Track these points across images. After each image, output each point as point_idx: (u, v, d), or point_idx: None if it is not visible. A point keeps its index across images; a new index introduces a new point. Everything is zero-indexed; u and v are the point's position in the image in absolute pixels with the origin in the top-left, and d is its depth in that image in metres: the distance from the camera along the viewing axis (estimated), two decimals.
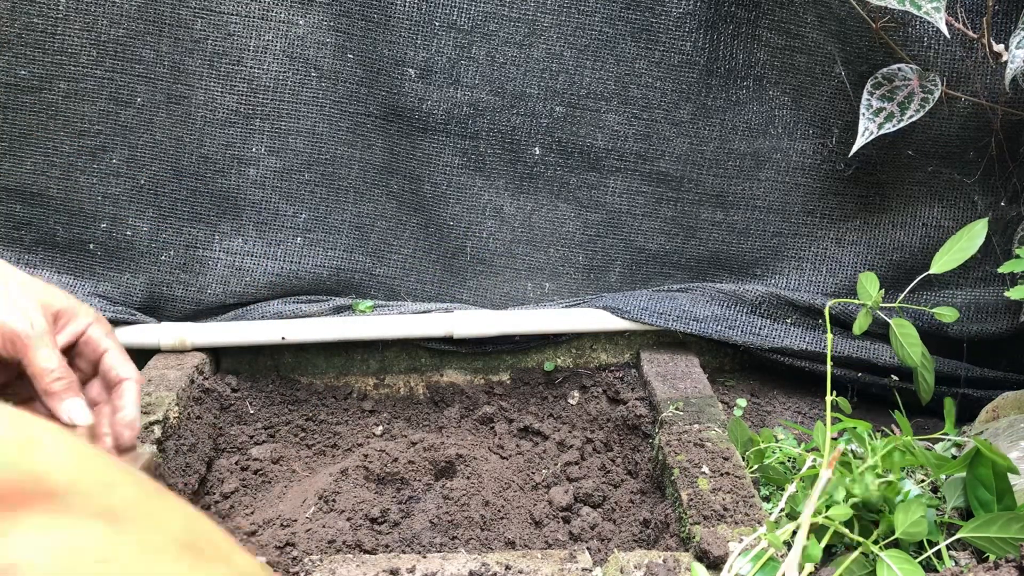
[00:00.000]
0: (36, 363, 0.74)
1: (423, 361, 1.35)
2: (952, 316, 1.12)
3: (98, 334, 0.80)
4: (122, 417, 0.79)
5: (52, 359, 0.74)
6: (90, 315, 0.81)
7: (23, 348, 0.73)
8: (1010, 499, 0.90)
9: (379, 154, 1.28)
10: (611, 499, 1.10)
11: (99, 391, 0.82)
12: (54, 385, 0.74)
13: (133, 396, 0.80)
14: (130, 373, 0.80)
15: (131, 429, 0.79)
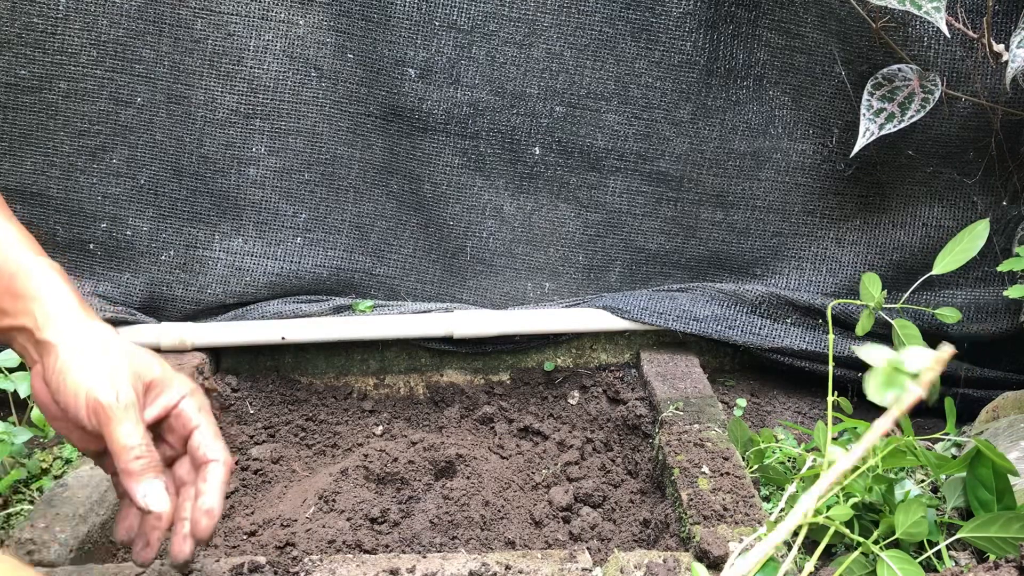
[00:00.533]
0: (116, 439, 0.68)
1: (423, 361, 1.35)
2: (954, 317, 1.12)
3: (190, 408, 0.75)
4: (202, 503, 0.72)
5: (133, 435, 0.69)
6: (185, 387, 0.75)
7: (105, 421, 0.68)
8: (1010, 499, 0.90)
9: (379, 154, 1.28)
10: (611, 499, 1.10)
11: (188, 470, 0.76)
12: (132, 465, 0.69)
13: (219, 481, 0.73)
14: (219, 455, 0.74)
15: (209, 518, 0.72)
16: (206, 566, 0.83)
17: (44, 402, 0.72)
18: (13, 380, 1.07)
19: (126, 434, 0.69)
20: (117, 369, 0.70)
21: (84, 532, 0.88)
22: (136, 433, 0.69)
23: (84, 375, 0.69)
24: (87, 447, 0.75)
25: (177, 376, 0.76)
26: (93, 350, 0.71)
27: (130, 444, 0.69)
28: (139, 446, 0.69)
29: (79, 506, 0.91)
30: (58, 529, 0.87)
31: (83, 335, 0.71)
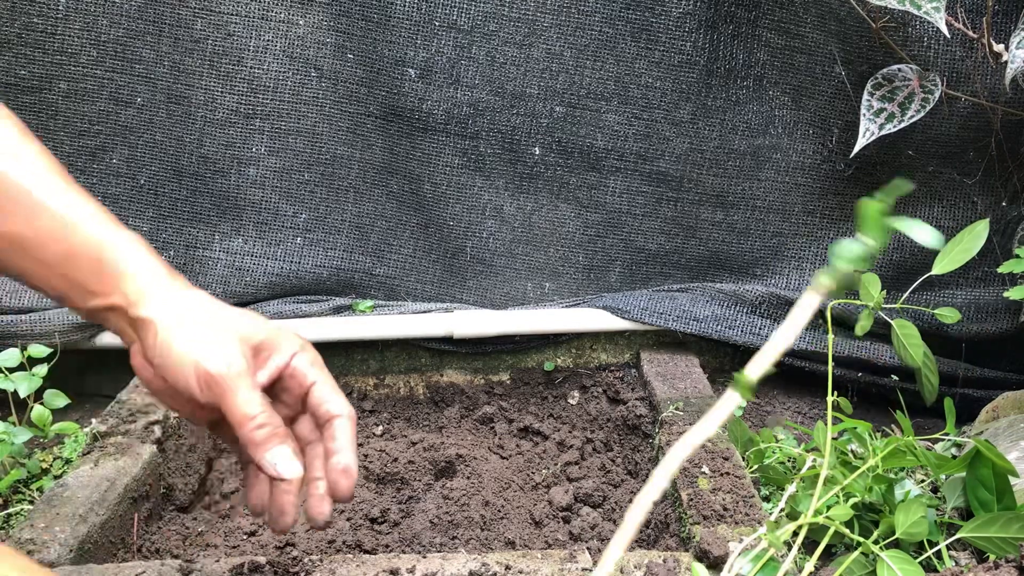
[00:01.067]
0: (235, 409, 0.65)
1: (423, 361, 1.35)
2: (954, 317, 1.12)
3: (304, 364, 0.71)
4: (337, 462, 0.69)
5: (253, 403, 0.65)
6: (295, 344, 0.71)
7: (220, 393, 0.65)
8: (1010, 499, 0.90)
9: (379, 154, 1.28)
10: (611, 499, 1.10)
11: (311, 428, 0.73)
12: (256, 434, 0.65)
13: (348, 436, 0.70)
14: (342, 409, 0.71)
15: (347, 477, 0.69)
16: (206, 566, 0.83)
17: (148, 378, 0.70)
18: (13, 380, 1.07)
19: (244, 402, 0.65)
20: (223, 336, 0.67)
21: (84, 532, 0.88)
22: (254, 400, 0.66)
23: (190, 347, 0.66)
24: (200, 419, 0.72)
25: (285, 333, 0.72)
26: (193, 320, 0.68)
27: (250, 412, 0.65)
28: (260, 414, 0.66)
29: (79, 506, 0.91)
30: (58, 529, 0.87)
31: (180, 306, 0.69)
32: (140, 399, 1.12)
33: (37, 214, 0.67)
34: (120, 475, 0.97)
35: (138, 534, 0.98)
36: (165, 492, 1.06)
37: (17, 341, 1.16)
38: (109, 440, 1.04)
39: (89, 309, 0.69)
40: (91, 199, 0.71)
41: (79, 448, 1.09)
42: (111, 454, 1.01)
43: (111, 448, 1.03)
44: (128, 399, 1.13)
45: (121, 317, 0.69)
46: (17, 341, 1.16)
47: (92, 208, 0.70)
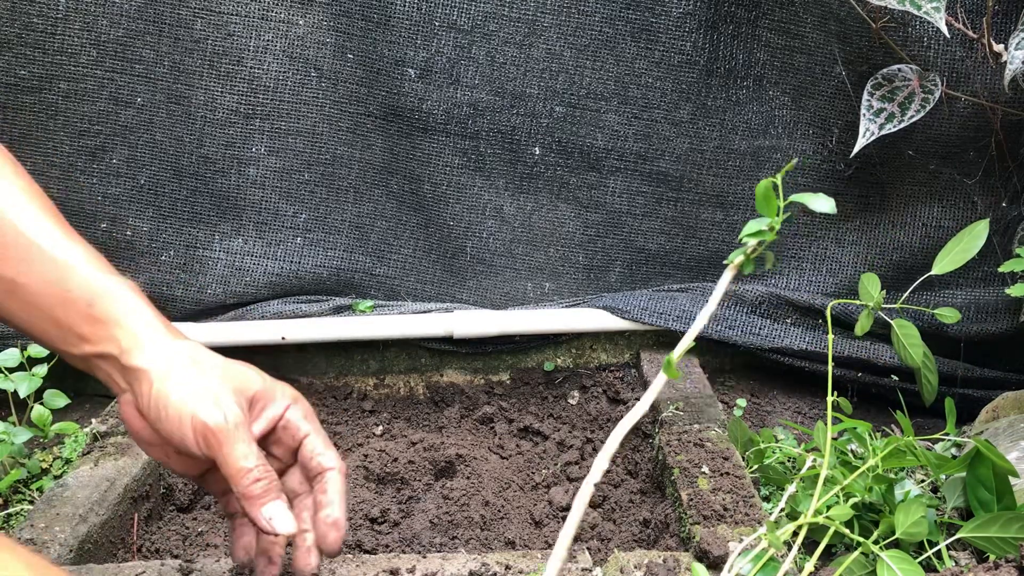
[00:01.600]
0: (231, 463, 0.64)
1: (423, 361, 1.35)
2: (954, 317, 1.12)
3: (297, 417, 0.71)
4: (327, 515, 0.69)
5: (249, 457, 0.65)
6: (287, 396, 0.72)
7: (216, 445, 0.64)
8: (1010, 499, 0.90)
9: (379, 154, 1.28)
10: (611, 499, 1.10)
11: (299, 480, 0.73)
12: (253, 488, 0.65)
13: (338, 490, 0.70)
14: (334, 462, 0.71)
15: (337, 530, 0.69)
16: (206, 566, 0.83)
17: (137, 429, 0.69)
18: (13, 380, 1.07)
19: (241, 456, 0.65)
20: (219, 388, 0.67)
21: (84, 532, 0.88)
22: (251, 453, 0.66)
23: (186, 399, 0.65)
24: (187, 471, 0.72)
25: (279, 385, 0.72)
26: (189, 371, 0.67)
27: (247, 466, 0.65)
28: (256, 467, 0.65)
29: (79, 506, 0.91)
30: (58, 529, 0.87)
31: (175, 357, 0.67)
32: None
33: (31, 258, 0.66)
34: (120, 475, 0.97)
35: (138, 534, 0.98)
36: (165, 492, 1.06)
37: (17, 341, 1.16)
38: (109, 440, 1.04)
39: (80, 355, 0.68)
40: (85, 243, 0.70)
41: (79, 448, 1.09)
42: (111, 454, 1.01)
43: (111, 448, 1.03)
44: None
45: (113, 366, 0.68)
46: (17, 341, 1.16)
47: (87, 253, 0.69)
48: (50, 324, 0.67)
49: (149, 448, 0.70)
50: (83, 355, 0.68)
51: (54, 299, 0.66)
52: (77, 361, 0.69)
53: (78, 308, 0.66)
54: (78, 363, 0.69)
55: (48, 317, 0.66)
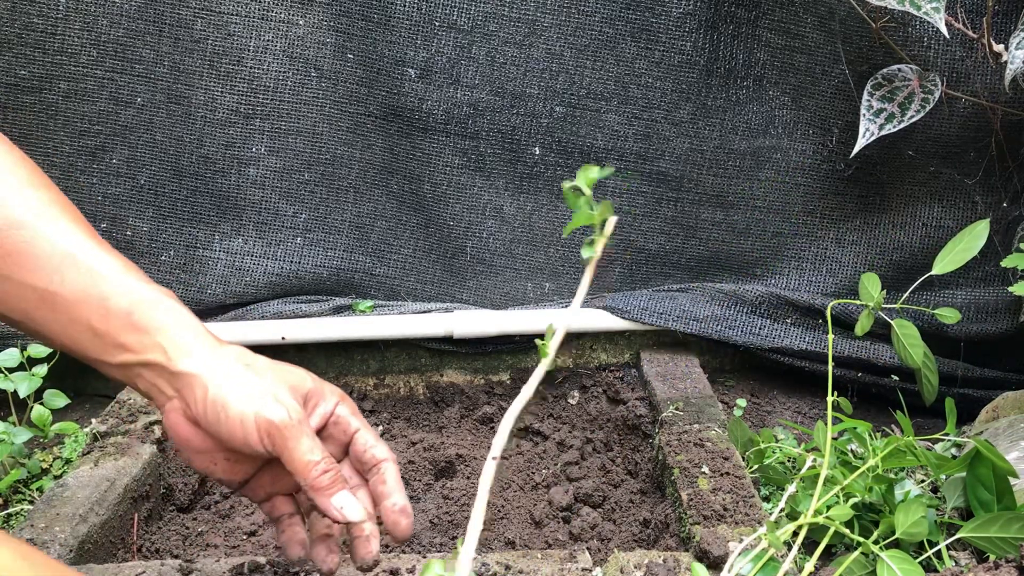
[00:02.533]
0: (297, 457, 0.66)
1: (423, 361, 1.35)
2: (954, 317, 1.12)
3: (346, 413, 0.73)
4: (394, 504, 0.71)
5: (315, 450, 0.67)
6: (336, 393, 0.74)
7: (282, 441, 0.66)
8: (1010, 499, 0.90)
9: (379, 154, 1.28)
10: (611, 499, 1.10)
11: (349, 473, 0.75)
12: (321, 480, 0.66)
13: (397, 479, 0.72)
14: (387, 453, 0.73)
15: (406, 516, 0.71)
16: (206, 566, 0.83)
17: (185, 437, 0.69)
18: (13, 380, 1.07)
19: (307, 450, 0.66)
20: (277, 387, 0.68)
21: (84, 532, 0.88)
22: (316, 447, 0.67)
23: (247, 399, 0.66)
24: (232, 477, 0.72)
25: (326, 384, 0.74)
26: (244, 373, 0.68)
27: (314, 459, 0.66)
28: (323, 460, 0.67)
29: (79, 506, 0.91)
30: (58, 529, 0.87)
31: (226, 360, 0.68)
32: (140, 399, 1.13)
33: (65, 268, 0.66)
34: (120, 475, 0.97)
35: (138, 534, 0.98)
36: (165, 492, 1.06)
37: (17, 341, 1.16)
38: (109, 440, 1.04)
39: (119, 364, 0.68)
40: (118, 253, 0.70)
41: (79, 448, 1.09)
42: (111, 454, 1.01)
43: (111, 448, 1.03)
44: (128, 399, 1.13)
45: (158, 374, 0.68)
46: (17, 341, 1.16)
47: (122, 263, 0.69)
48: (87, 334, 0.66)
49: (195, 456, 0.70)
50: (123, 364, 0.68)
51: (91, 309, 0.66)
52: (115, 371, 0.68)
53: (118, 317, 0.66)
54: (116, 373, 0.69)
55: (85, 327, 0.66)
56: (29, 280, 0.65)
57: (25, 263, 0.65)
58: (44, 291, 0.65)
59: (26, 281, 0.65)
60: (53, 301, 0.65)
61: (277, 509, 0.75)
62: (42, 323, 0.67)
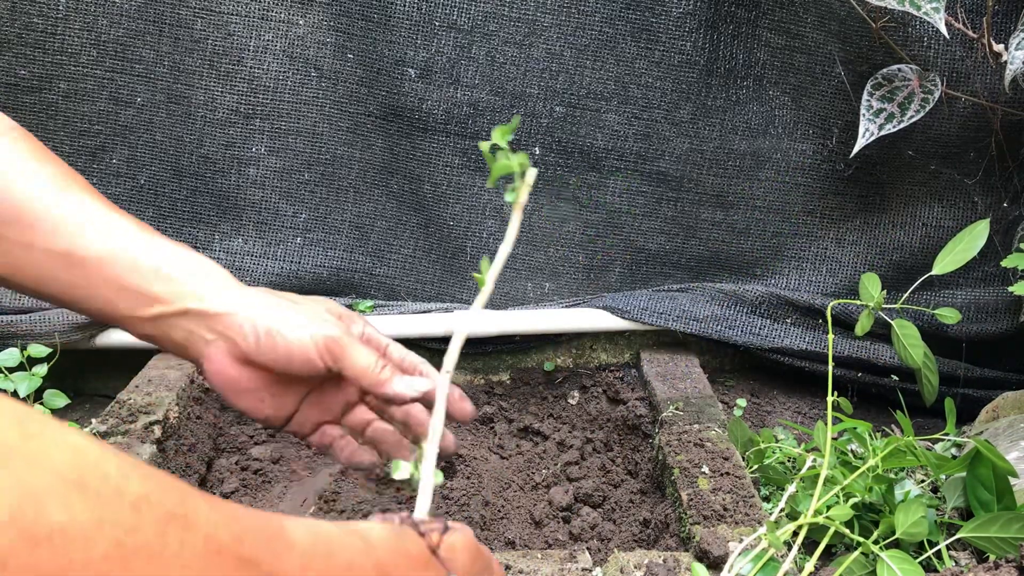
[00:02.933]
0: (359, 361, 0.70)
1: None
2: (954, 318, 1.12)
3: (374, 332, 0.77)
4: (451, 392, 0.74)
5: (369, 354, 0.71)
6: (361, 317, 0.79)
7: (340, 351, 0.70)
8: (1010, 499, 0.90)
9: (379, 154, 1.28)
10: (611, 499, 1.10)
11: None
12: (383, 374, 0.71)
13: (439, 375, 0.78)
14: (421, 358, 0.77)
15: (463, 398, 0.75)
16: None
17: (232, 378, 0.70)
18: (13, 380, 1.07)
19: (364, 354, 0.70)
20: (319, 311, 0.72)
21: None
22: (368, 350, 0.71)
23: (298, 323, 0.69)
24: (279, 412, 0.74)
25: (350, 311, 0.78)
26: (283, 304, 0.71)
27: (372, 360, 0.70)
28: (378, 359, 0.71)
29: None
30: None
31: (260, 296, 0.71)
32: (140, 399, 1.13)
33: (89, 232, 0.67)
34: None
35: None
36: None
37: (17, 341, 1.16)
38: (109, 440, 1.04)
39: (152, 317, 0.69)
40: (130, 215, 0.72)
41: None
42: None
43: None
44: (128, 399, 1.13)
45: (195, 320, 0.69)
46: (17, 341, 1.16)
47: (136, 223, 0.71)
48: (116, 291, 0.68)
49: (242, 396, 0.72)
50: (156, 316, 0.69)
51: (119, 265, 0.67)
52: (147, 325, 0.69)
53: (147, 270, 0.68)
54: (147, 327, 0.69)
55: (114, 284, 0.67)
56: (52, 245, 0.66)
57: (47, 229, 0.66)
58: (69, 254, 0.66)
59: (49, 247, 0.66)
60: (80, 263, 0.67)
61: (327, 435, 0.77)
62: (68, 287, 0.67)
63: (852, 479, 0.89)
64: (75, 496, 0.31)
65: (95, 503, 0.31)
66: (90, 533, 0.31)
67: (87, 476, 0.32)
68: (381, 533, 0.52)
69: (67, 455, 0.32)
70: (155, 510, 0.34)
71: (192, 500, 0.36)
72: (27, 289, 0.68)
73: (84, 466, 0.32)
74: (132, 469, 0.34)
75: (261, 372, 0.71)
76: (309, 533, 0.44)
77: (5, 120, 0.71)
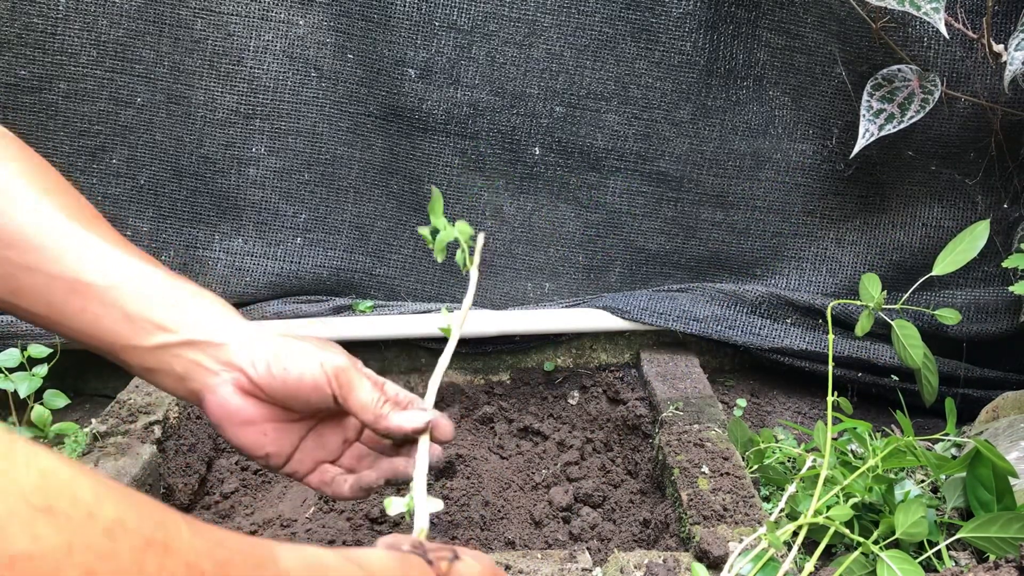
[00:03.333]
0: (361, 397, 0.72)
1: (423, 361, 1.34)
2: (954, 318, 1.12)
3: (369, 371, 0.78)
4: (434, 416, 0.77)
5: (372, 389, 0.73)
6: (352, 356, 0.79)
7: (347, 381, 0.71)
8: (1010, 499, 0.90)
9: (379, 154, 1.28)
10: (611, 499, 1.10)
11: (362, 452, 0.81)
12: (383, 409, 0.72)
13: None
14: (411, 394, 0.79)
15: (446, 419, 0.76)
16: None
17: (235, 409, 0.70)
18: (13, 380, 1.07)
19: (367, 388, 0.72)
20: (319, 343, 0.74)
21: None
22: (369, 385, 0.73)
23: (306, 353, 0.70)
24: (281, 448, 0.74)
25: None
26: (286, 337, 0.72)
27: (375, 396, 0.72)
28: (380, 395, 0.73)
29: None
30: None
31: (263, 329, 0.71)
32: (140, 399, 1.12)
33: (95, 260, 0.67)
34: (120, 475, 0.97)
35: None
36: (165, 492, 1.06)
37: (17, 341, 1.16)
38: (109, 440, 1.04)
39: (155, 347, 0.68)
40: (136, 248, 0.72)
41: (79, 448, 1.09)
42: (111, 454, 1.01)
43: (111, 448, 1.02)
44: (128, 399, 1.13)
45: (201, 350, 0.68)
46: (17, 341, 1.16)
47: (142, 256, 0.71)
48: (119, 319, 0.67)
49: (244, 430, 0.71)
50: (159, 346, 0.68)
51: (124, 293, 0.67)
52: (147, 356, 0.68)
53: (152, 298, 0.67)
54: (148, 358, 0.68)
55: (118, 312, 0.67)
56: (57, 271, 0.66)
57: (51, 256, 0.66)
58: (74, 280, 0.66)
59: (54, 272, 0.65)
60: (84, 289, 0.66)
61: (327, 473, 0.78)
62: (70, 314, 0.67)
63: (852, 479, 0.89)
64: (41, 521, 0.29)
65: (64, 527, 0.30)
66: (59, 560, 0.29)
67: (55, 500, 0.30)
68: (383, 562, 0.50)
69: (34, 478, 0.30)
70: (131, 536, 0.32)
71: (173, 525, 0.35)
72: (28, 314, 0.68)
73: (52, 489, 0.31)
74: (107, 492, 0.33)
75: (265, 405, 0.71)
76: (301, 561, 0.43)
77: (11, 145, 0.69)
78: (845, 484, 0.89)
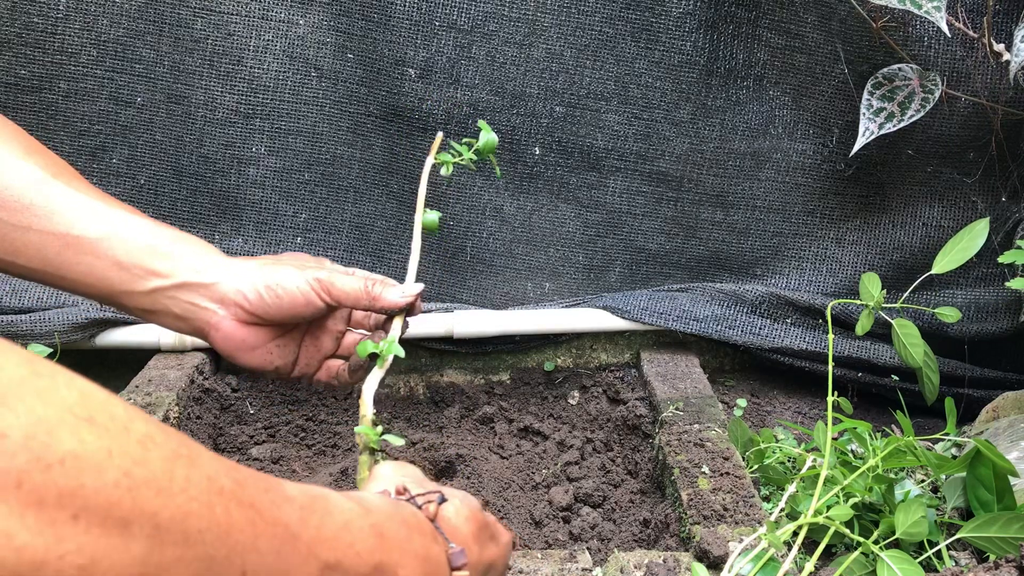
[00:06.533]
0: (350, 288, 0.77)
1: (423, 361, 1.35)
2: (954, 317, 1.12)
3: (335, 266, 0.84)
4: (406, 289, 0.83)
5: (355, 279, 0.78)
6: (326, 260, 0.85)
7: (331, 285, 0.77)
8: (1010, 499, 0.90)
9: (379, 154, 1.28)
10: (611, 499, 1.10)
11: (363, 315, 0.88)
12: (374, 290, 0.78)
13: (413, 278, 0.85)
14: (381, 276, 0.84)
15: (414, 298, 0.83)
16: None
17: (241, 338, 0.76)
18: None
19: (351, 281, 0.78)
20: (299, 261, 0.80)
21: None
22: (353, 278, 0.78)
23: (291, 274, 0.76)
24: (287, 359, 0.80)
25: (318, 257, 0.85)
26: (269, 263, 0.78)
27: (360, 284, 0.78)
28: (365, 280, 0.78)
29: None
30: None
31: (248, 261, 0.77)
32: (140, 399, 1.12)
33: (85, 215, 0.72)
34: None
35: None
36: None
37: (17, 341, 1.16)
38: None
39: (149, 291, 0.73)
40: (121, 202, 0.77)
41: None
42: None
43: None
44: (128, 399, 1.13)
45: (194, 290, 0.74)
46: (17, 341, 1.16)
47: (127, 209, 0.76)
48: (112, 269, 0.72)
49: (252, 355, 0.78)
50: (154, 290, 0.73)
51: (115, 244, 0.71)
52: (143, 299, 0.73)
53: (143, 248, 0.72)
54: (143, 301, 0.74)
55: (111, 262, 0.71)
56: (49, 228, 0.70)
57: (42, 214, 0.70)
58: (66, 235, 0.70)
59: (46, 229, 0.70)
60: (76, 244, 0.71)
61: (332, 367, 0.85)
62: (64, 267, 0.71)
63: (852, 479, 0.89)
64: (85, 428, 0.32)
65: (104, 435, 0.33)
66: (101, 461, 0.32)
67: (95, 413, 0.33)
68: (379, 501, 0.54)
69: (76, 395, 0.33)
70: (161, 448, 0.36)
71: (195, 446, 0.38)
72: (25, 272, 0.72)
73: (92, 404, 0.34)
74: (137, 413, 0.36)
75: (263, 329, 0.77)
76: (305, 492, 0.46)
77: None
78: (845, 484, 0.89)
